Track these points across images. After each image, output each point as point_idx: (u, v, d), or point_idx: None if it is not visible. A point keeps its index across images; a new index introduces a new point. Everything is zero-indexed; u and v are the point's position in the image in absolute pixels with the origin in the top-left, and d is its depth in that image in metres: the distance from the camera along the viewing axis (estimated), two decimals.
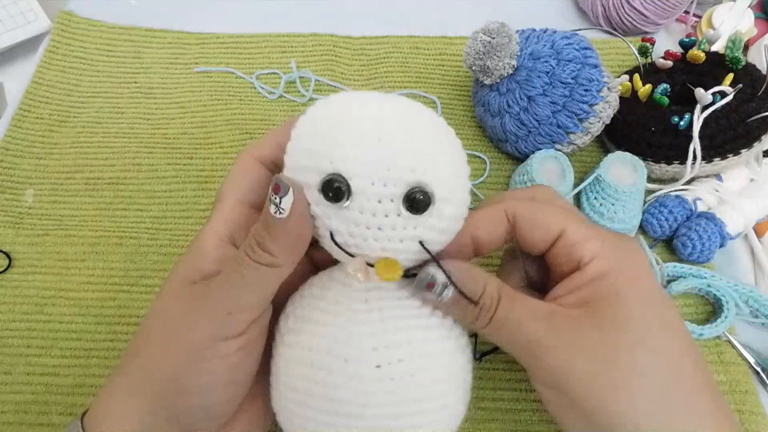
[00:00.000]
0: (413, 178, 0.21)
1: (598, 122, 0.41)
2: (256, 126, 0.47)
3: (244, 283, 0.23)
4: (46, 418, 0.34)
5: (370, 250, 0.22)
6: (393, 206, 0.21)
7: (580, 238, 0.24)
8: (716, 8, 0.52)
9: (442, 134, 0.23)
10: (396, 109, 0.23)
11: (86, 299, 0.38)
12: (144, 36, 0.52)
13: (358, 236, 0.22)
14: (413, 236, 0.22)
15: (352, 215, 0.22)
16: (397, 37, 0.53)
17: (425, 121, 0.23)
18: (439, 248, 0.24)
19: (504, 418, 0.35)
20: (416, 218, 0.22)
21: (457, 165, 0.23)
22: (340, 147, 0.21)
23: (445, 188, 0.22)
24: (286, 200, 0.21)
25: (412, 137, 0.22)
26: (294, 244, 0.23)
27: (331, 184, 0.21)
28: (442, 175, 0.22)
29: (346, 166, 0.21)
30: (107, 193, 0.43)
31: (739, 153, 0.39)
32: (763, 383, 0.36)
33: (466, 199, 0.24)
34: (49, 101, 0.48)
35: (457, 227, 0.24)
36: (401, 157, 0.21)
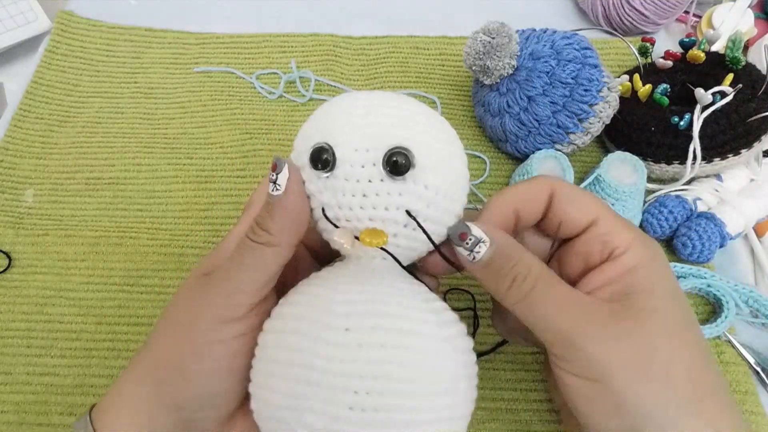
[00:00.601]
0: (393, 141, 0.22)
1: (598, 122, 0.41)
2: (256, 126, 0.47)
3: (243, 265, 0.23)
4: (46, 418, 0.34)
5: (357, 220, 0.23)
6: (375, 170, 0.22)
7: (614, 227, 0.24)
8: (716, 8, 0.52)
9: (432, 116, 0.24)
10: (389, 95, 0.24)
11: (86, 299, 0.38)
12: (144, 36, 0.52)
13: (345, 206, 0.23)
14: (398, 204, 0.22)
15: (339, 183, 0.22)
16: (397, 37, 0.53)
17: (417, 105, 0.24)
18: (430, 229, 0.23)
19: (504, 418, 0.35)
20: (399, 183, 0.22)
21: (446, 143, 0.24)
22: (329, 121, 0.23)
23: (427, 155, 0.22)
24: (282, 176, 0.22)
25: (398, 111, 0.23)
26: (291, 221, 0.23)
27: (318, 153, 0.22)
28: (424, 144, 0.22)
29: (332, 135, 0.22)
30: (107, 193, 0.43)
31: (739, 153, 0.40)
32: (763, 383, 0.36)
33: (460, 183, 0.24)
34: (49, 101, 0.48)
35: (450, 207, 0.24)
36: (383, 124, 0.22)
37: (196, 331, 0.23)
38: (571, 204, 0.25)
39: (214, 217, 0.42)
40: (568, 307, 0.23)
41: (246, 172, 0.45)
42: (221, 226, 0.42)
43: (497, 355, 0.37)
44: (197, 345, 0.23)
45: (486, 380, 0.36)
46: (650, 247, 0.24)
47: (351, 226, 0.23)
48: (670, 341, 0.22)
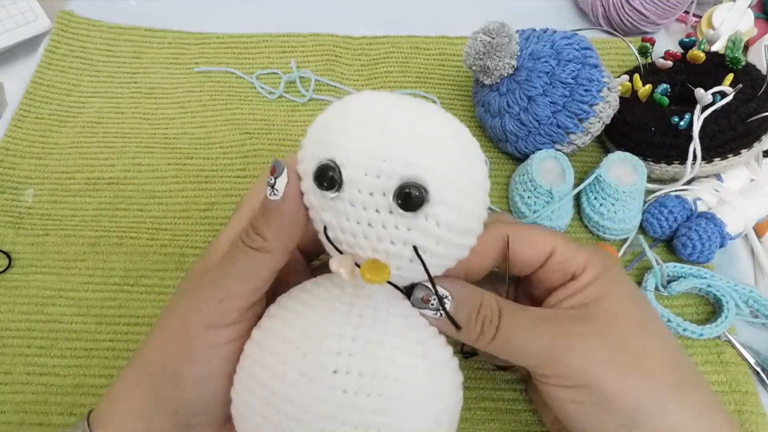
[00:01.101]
0: (408, 172, 0.19)
1: (598, 122, 0.41)
2: (256, 126, 0.47)
3: (235, 270, 0.23)
4: (46, 418, 0.34)
5: (360, 249, 0.21)
6: (384, 201, 0.20)
7: (570, 253, 0.26)
8: (716, 8, 0.52)
9: (454, 138, 0.21)
10: (406, 106, 0.21)
11: (86, 299, 0.38)
12: (144, 36, 0.52)
13: (348, 232, 0.21)
14: (406, 239, 0.20)
15: (344, 207, 0.20)
16: (397, 37, 0.53)
17: (437, 121, 0.21)
18: (438, 263, 0.22)
19: (504, 418, 0.35)
20: (409, 218, 0.20)
21: (466, 172, 0.21)
22: (339, 135, 0.21)
23: (443, 190, 0.20)
24: (281, 181, 0.21)
25: (415, 132, 0.20)
26: (287, 228, 0.22)
27: (323, 171, 0.20)
28: (441, 175, 0.20)
29: (340, 153, 0.20)
30: (107, 193, 0.43)
31: (739, 153, 0.39)
32: (763, 383, 0.36)
33: (476, 213, 0.22)
34: (49, 101, 0.48)
35: (460, 242, 0.22)
36: (398, 149, 0.20)
37: (187, 337, 0.23)
38: (527, 243, 0.26)
39: (214, 217, 0.42)
40: (539, 327, 0.24)
41: (246, 172, 0.45)
42: (221, 226, 0.42)
43: None
44: (189, 351, 0.23)
45: (486, 380, 0.36)
46: (603, 260, 0.26)
47: (352, 251, 0.21)
48: (638, 335, 0.24)
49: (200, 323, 0.23)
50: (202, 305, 0.23)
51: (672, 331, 0.37)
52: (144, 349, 0.25)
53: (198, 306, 0.23)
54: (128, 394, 0.24)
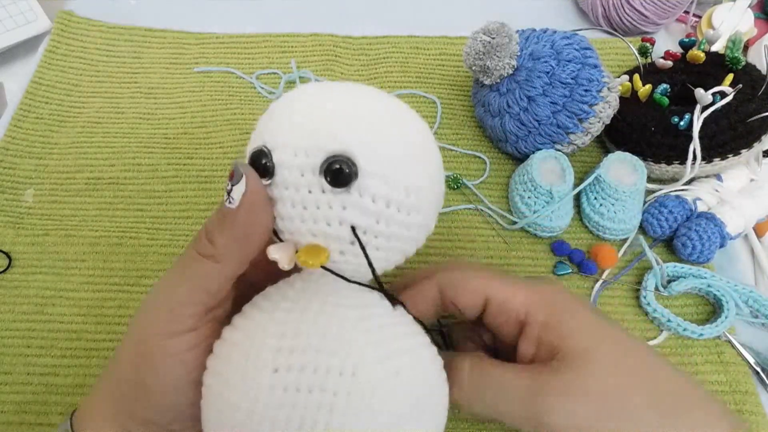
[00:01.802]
0: (334, 146, 0.19)
1: (598, 122, 0.41)
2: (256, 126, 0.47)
3: (184, 277, 0.22)
4: (46, 418, 0.34)
5: (299, 234, 0.20)
6: (315, 179, 0.19)
7: (508, 294, 0.25)
8: (716, 8, 0.52)
9: (388, 113, 0.20)
10: (342, 86, 0.21)
11: (86, 299, 0.38)
12: (144, 36, 0.52)
13: (286, 217, 0.20)
14: (342, 218, 0.19)
15: (279, 192, 0.20)
16: (397, 37, 0.53)
17: (372, 99, 0.21)
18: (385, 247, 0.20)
19: None
20: (342, 195, 0.19)
21: (401, 145, 0.20)
22: (269, 121, 0.20)
23: (374, 162, 0.19)
24: (237, 189, 0.19)
25: (343, 109, 0.19)
26: (241, 239, 0.20)
27: (258, 157, 0.19)
28: (372, 147, 0.19)
29: (270, 138, 0.20)
30: (107, 193, 0.43)
31: (739, 153, 0.40)
32: (763, 383, 0.36)
33: (419, 189, 0.20)
34: (49, 101, 0.48)
35: (404, 220, 0.20)
36: (324, 125, 0.19)
37: (147, 346, 0.22)
38: (456, 290, 0.26)
39: None
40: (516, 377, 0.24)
41: None
42: None
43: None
44: (151, 360, 0.22)
45: None
46: (543, 294, 0.25)
47: (294, 240, 0.20)
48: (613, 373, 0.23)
49: (156, 333, 0.22)
50: (157, 313, 0.22)
51: (672, 331, 0.37)
52: (114, 358, 0.24)
53: (154, 315, 0.22)
54: (103, 400, 0.24)
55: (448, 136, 0.47)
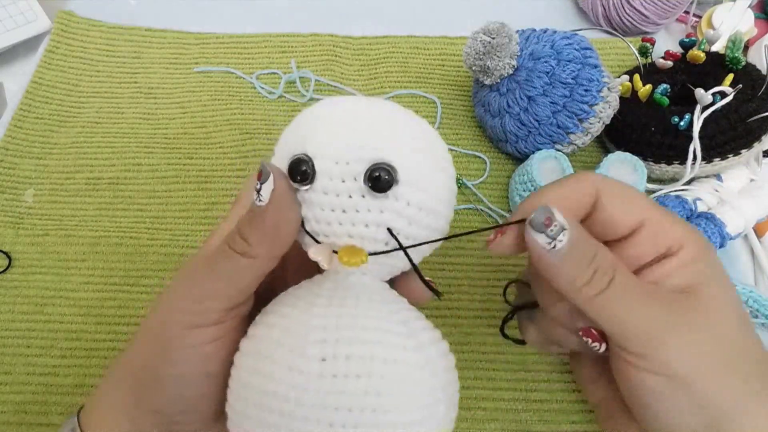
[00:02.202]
0: (375, 156, 0.21)
1: (598, 122, 0.41)
2: (256, 126, 0.47)
3: (216, 272, 0.22)
4: (46, 418, 0.34)
5: (336, 236, 0.22)
6: (356, 186, 0.21)
7: (663, 226, 0.23)
8: (716, 8, 0.52)
9: (416, 125, 0.23)
10: (374, 103, 0.23)
11: (86, 299, 0.38)
12: (144, 36, 0.52)
13: (323, 221, 0.22)
14: (379, 221, 0.21)
15: (318, 197, 0.21)
16: (397, 37, 0.53)
17: (403, 115, 0.23)
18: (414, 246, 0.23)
19: (504, 418, 0.35)
20: (380, 200, 0.21)
21: (430, 156, 0.22)
22: (310, 130, 0.22)
23: (410, 171, 0.21)
24: (266, 187, 0.21)
25: (382, 122, 0.22)
26: (271, 235, 0.22)
27: (296, 165, 0.21)
28: (408, 158, 0.21)
29: (311, 146, 0.21)
30: (107, 193, 0.43)
31: (739, 153, 0.40)
32: None
33: (443, 196, 0.23)
34: (49, 101, 0.48)
35: (433, 223, 0.23)
36: (366, 136, 0.21)
37: (167, 336, 0.22)
38: (616, 207, 0.23)
39: (214, 217, 0.42)
40: (647, 301, 0.22)
41: (246, 172, 0.45)
42: None
43: (497, 356, 0.37)
44: (169, 350, 0.22)
45: (486, 380, 0.36)
46: (701, 240, 0.23)
47: (329, 242, 0.22)
48: (739, 333, 0.22)
49: (179, 323, 0.22)
50: (181, 305, 0.22)
51: None
52: (128, 348, 0.24)
53: (178, 305, 0.23)
54: (112, 392, 0.24)
55: (448, 136, 0.47)
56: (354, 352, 0.21)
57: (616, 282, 0.22)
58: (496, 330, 0.37)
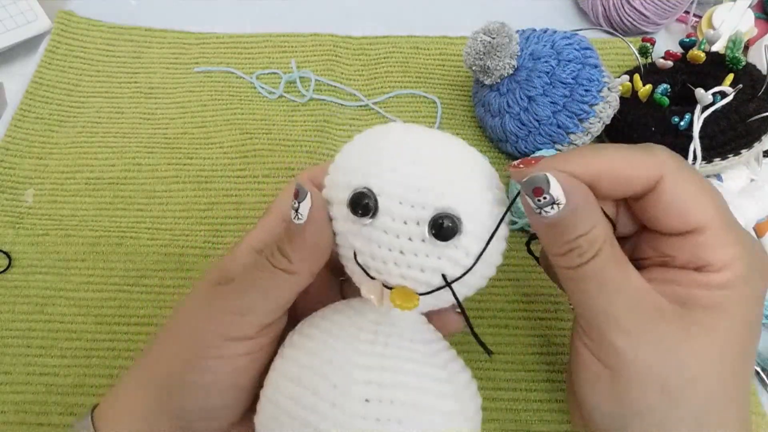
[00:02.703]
0: (442, 203, 0.21)
1: (598, 122, 0.41)
2: (256, 126, 0.47)
3: (258, 286, 0.23)
4: (46, 418, 0.34)
5: (389, 275, 0.22)
6: (418, 230, 0.21)
7: (719, 241, 0.21)
8: (716, 8, 0.52)
9: (483, 174, 0.22)
10: (437, 139, 0.23)
11: (86, 299, 0.38)
12: (144, 36, 0.52)
13: (379, 258, 0.22)
14: (435, 267, 0.21)
15: (377, 234, 0.21)
16: (397, 37, 0.53)
17: (466, 155, 0.23)
18: (463, 292, 0.23)
19: (504, 418, 0.35)
20: (440, 247, 0.21)
21: (493, 207, 0.22)
22: (374, 164, 0.22)
23: (474, 222, 0.21)
24: (304, 205, 0.22)
25: (448, 165, 0.22)
26: (311, 251, 0.22)
27: (359, 198, 0.21)
28: (473, 209, 0.21)
29: (376, 182, 0.21)
30: (107, 193, 0.43)
31: (740, 153, 0.39)
32: (763, 383, 0.36)
33: (499, 245, 0.23)
34: (49, 101, 0.48)
35: (485, 272, 0.23)
36: (433, 181, 0.21)
37: (200, 344, 0.23)
38: (675, 202, 0.21)
39: (214, 217, 0.42)
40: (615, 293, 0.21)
41: (246, 172, 0.45)
42: (221, 226, 0.42)
43: (497, 356, 0.37)
44: (200, 358, 0.22)
45: (486, 380, 0.36)
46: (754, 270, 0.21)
47: (381, 278, 0.22)
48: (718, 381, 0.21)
49: (216, 333, 0.23)
50: (220, 316, 0.23)
51: None
52: (152, 350, 0.25)
53: (216, 316, 0.23)
54: (132, 394, 0.24)
55: None
56: (398, 397, 0.21)
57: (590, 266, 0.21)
58: (497, 330, 0.38)
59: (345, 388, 0.21)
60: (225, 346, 0.22)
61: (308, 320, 0.24)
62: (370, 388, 0.21)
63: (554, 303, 0.39)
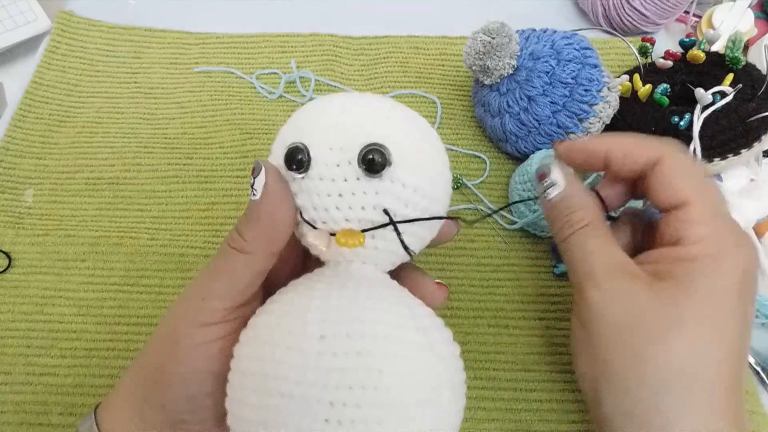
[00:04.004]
0: (368, 139, 0.21)
1: (598, 122, 0.41)
2: (256, 126, 0.47)
3: (216, 270, 0.23)
4: (46, 418, 0.34)
5: (333, 221, 0.22)
6: (351, 169, 0.21)
7: (699, 217, 0.24)
8: (716, 8, 0.52)
9: (407, 115, 0.24)
10: (365, 95, 0.24)
11: (86, 299, 0.38)
12: (144, 36, 0.52)
13: (320, 207, 0.22)
14: (375, 203, 0.22)
15: (314, 184, 0.22)
16: (397, 37, 0.53)
17: (392, 104, 0.24)
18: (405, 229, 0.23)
19: (504, 417, 0.35)
20: (375, 182, 0.21)
21: (422, 141, 0.23)
22: (304, 122, 0.23)
23: (404, 153, 0.22)
24: (258, 181, 0.22)
25: (374, 110, 0.23)
26: (266, 229, 0.22)
27: (292, 154, 0.22)
28: (400, 141, 0.22)
29: (306, 135, 0.22)
30: (107, 193, 0.43)
31: (739, 153, 0.39)
32: (763, 383, 0.36)
33: (439, 182, 0.23)
34: (49, 101, 0.48)
35: (429, 206, 0.23)
36: (359, 123, 0.22)
37: (176, 334, 0.23)
38: (668, 182, 0.25)
39: (214, 217, 0.42)
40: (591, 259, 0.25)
41: (246, 172, 0.45)
42: (221, 226, 0.42)
43: (497, 355, 0.37)
44: (176, 348, 0.23)
45: (486, 380, 0.36)
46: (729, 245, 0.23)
47: (327, 228, 0.22)
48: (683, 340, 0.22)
49: (187, 322, 0.23)
50: (188, 304, 0.23)
51: None
52: (143, 347, 0.25)
53: (185, 305, 0.23)
54: (126, 390, 0.25)
55: (448, 136, 0.47)
56: (354, 330, 0.20)
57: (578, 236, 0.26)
58: (497, 330, 0.38)
59: (299, 330, 0.20)
60: (196, 333, 0.23)
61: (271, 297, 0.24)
62: (325, 325, 0.20)
63: (554, 303, 0.39)
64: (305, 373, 0.20)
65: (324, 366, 0.20)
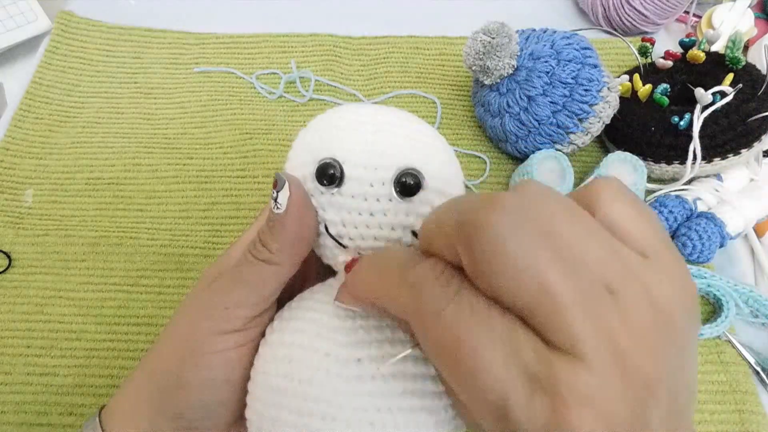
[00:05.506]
0: (404, 162, 0.22)
1: (598, 122, 0.41)
2: (256, 126, 0.47)
3: (241, 279, 0.23)
4: (46, 418, 0.34)
5: (361, 239, 0.22)
6: (384, 190, 0.22)
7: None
8: (716, 8, 0.52)
9: (437, 138, 0.24)
10: (392, 111, 0.24)
11: (86, 299, 0.38)
12: (144, 36, 0.52)
13: (350, 224, 0.22)
14: (405, 224, 0.22)
15: (345, 201, 0.22)
16: (397, 37, 0.53)
17: (421, 124, 0.24)
18: None
19: None
20: (407, 204, 0.22)
21: (449, 164, 0.23)
22: (336, 137, 0.23)
23: (436, 178, 0.22)
24: (282, 195, 0.22)
25: (406, 131, 0.23)
26: (292, 241, 0.22)
27: (325, 169, 0.22)
28: (433, 165, 0.22)
29: (340, 151, 0.22)
30: (107, 193, 0.43)
31: (739, 153, 0.39)
32: (763, 383, 0.36)
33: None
34: (49, 101, 0.48)
35: None
36: (394, 144, 0.22)
37: (193, 341, 0.23)
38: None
39: (214, 217, 0.42)
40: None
41: (246, 172, 0.45)
42: (221, 226, 0.42)
43: None
44: (194, 355, 0.23)
45: None
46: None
47: (353, 245, 0.23)
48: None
49: (207, 329, 0.23)
50: (210, 312, 0.23)
51: None
52: (152, 350, 0.25)
53: (207, 312, 0.23)
54: (134, 394, 0.24)
55: (448, 136, 0.47)
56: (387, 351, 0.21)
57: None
58: None
59: (336, 354, 0.21)
60: (216, 341, 0.23)
61: (286, 305, 0.25)
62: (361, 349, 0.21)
63: None
64: (346, 396, 0.21)
65: (363, 390, 0.21)
